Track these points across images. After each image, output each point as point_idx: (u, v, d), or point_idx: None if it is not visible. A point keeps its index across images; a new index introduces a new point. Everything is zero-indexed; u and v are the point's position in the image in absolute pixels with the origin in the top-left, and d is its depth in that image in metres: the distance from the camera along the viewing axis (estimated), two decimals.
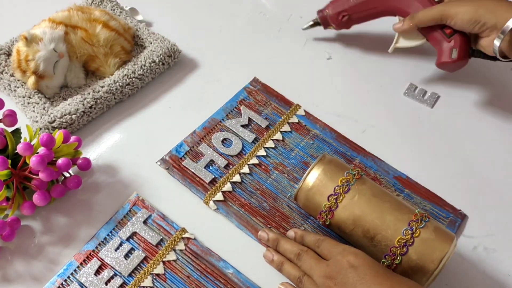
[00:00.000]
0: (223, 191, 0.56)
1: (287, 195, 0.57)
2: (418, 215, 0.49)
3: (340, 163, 0.53)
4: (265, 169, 0.59)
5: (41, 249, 0.52)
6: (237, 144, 0.60)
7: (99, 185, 0.57)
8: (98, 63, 0.64)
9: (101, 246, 0.52)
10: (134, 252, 0.51)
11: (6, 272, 0.51)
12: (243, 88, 0.66)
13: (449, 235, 0.49)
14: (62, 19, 0.63)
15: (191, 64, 0.70)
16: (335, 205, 0.50)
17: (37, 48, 0.59)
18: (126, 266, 0.50)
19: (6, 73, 0.63)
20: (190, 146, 0.60)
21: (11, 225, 0.52)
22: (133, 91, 0.65)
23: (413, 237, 0.48)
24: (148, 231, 0.52)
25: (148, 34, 0.69)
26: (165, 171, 0.57)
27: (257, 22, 0.76)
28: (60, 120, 0.59)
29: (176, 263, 0.51)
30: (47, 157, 0.50)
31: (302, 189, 0.52)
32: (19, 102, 0.61)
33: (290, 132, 0.62)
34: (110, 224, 0.53)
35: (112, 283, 0.49)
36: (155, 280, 0.50)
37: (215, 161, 0.59)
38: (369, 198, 0.50)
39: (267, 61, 0.71)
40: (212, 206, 0.55)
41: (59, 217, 0.55)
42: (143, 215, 0.54)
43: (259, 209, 0.56)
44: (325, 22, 0.71)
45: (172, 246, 0.52)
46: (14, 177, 0.52)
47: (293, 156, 0.60)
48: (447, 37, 0.63)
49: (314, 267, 0.47)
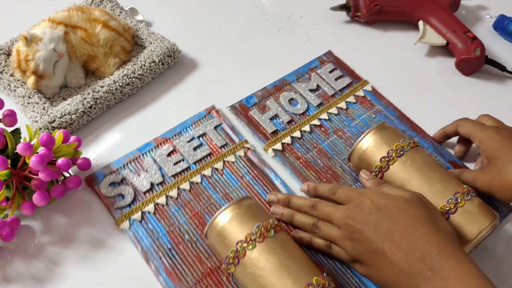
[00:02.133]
0: (282, 142, 0.61)
1: (341, 157, 0.60)
2: (465, 189, 0.50)
3: (398, 131, 0.55)
4: (324, 131, 0.63)
5: (41, 249, 0.52)
6: (303, 105, 0.65)
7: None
8: (98, 63, 0.64)
9: (176, 137, 0.61)
10: (201, 147, 0.60)
11: (6, 272, 0.51)
12: (316, 58, 0.70)
13: (492, 213, 0.50)
14: (62, 19, 0.63)
15: (191, 64, 0.70)
16: (386, 167, 0.52)
17: (37, 48, 0.59)
18: (193, 155, 0.59)
19: (6, 73, 0.63)
20: (259, 99, 0.65)
21: (11, 225, 0.52)
22: (133, 91, 0.65)
23: (456, 206, 0.49)
24: (216, 134, 0.61)
25: (148, 34, 0.69)
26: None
27: (257, 22, 0.76)
28: (60, 120, 0.59)
29: (234, 164, 0.59)
30: (47, 157, 0.50)
31: (356, 149, 0.54)
32: (19, 102, 0.61)
33: (355, 103, 0.66)
34: (187, 123, 0.62)
35: (179, 165, 0.58)
36: (214, 172, 0.58)
37: (280, 116, 0.64)
38: (420, 166, 0.51)
39: (267, 61, 0.71)
40: (270, 153, 0.60)
41: (59, 217, 0.55)
42: (215, 122, 0.62)
43: (313, 165, 0.59)
44: (356, 6, 0.74)
45: (233, 151, 0.59)
46: (14, 177, 0.52)
47: (354, 125, 0.63)
48: (469, 40, 0.68)
49: (333, 212, 0.48)
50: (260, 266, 0.44)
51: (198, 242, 0.53)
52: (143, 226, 0.54)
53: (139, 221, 0.54)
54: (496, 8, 0.80)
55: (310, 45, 0.73)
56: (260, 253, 0.45)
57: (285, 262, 0.45)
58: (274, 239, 0.46)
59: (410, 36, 0.74)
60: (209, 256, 0.52)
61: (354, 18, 0.75)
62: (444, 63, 0.72)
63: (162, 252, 0.52)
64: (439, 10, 0.72)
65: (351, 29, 0.76)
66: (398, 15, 0.75)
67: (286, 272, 0.44)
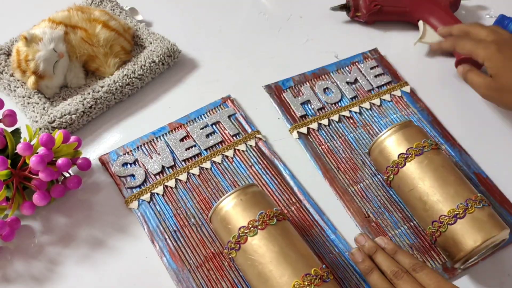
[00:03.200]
0: (309, 127, 0.62)
1: (364, 151, 0.61)
2: (479, 197, 0.50)
3: (423, 132, 0.55)
4: (353, 124, 0.63)
5: (41, 249, 0.52)
6: (337, 95, 0.66)
7: (99, 185, 0.57)
8: (98, 63, 0.64)
9: (190, 123, 0.62)
10: (214, 134, 0.61)
11: (6, 272, 0.51)
12: (360, 53, 0.71)
13: (502, 224, 0.49)
14: (62, 19, 0.63)
15: (191, 64, 0.70)
16: (403, 163, 0.52)
17: (37, 48, 0.59)
18: (205, 142, 0.60)
19: (6, 73, 0.63)
20: (295, 83, 0.66)
21: (11, 225, 0.52)
22: (133, 91, 0.65)
23: (465, 212, 0.48)
24: (229, 123, 0.62)
25: (148, 34, 0.69)
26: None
27: (257, 22, 0.76)
28: (60, 120, 0.59)
29: (244, 153, 0.60)
30: (47, 157, 0.50)
31: (377, 143, 0.55)
32: (19, 102, 0.61)
33: (389, 102, 0.66)
34: (202, 110, 0.63)
35: (190, 150, 0.59)
36: (224, 160, 0.59)
37: (312, 102, 0.65)
38: (437, 167, 0.51)
39: (267, 61, 0.71)
40: (294, 136, 0.62)
41: (59, 217, 0.55)
42: (229, 111, 0.63)
43: (334, 153, 0.61)
44: (357, 6, 0.73)
45: (245, 140, 0.61)
46: (14, 177, 0.52)
47: (384, 123, 0.64)
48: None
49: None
50: (260, 252, 0.45)
51: (203, 226, 0.54)
52: (151, 207, 0.55)
53: (148, 202, 0.55)
54: (496, 8, 0.80)
55: (311, 45, 0.73)
56: (261, 240, 0.45)
57: (285, 251, 0.45)
58: (276, 228, 0.46)
59: (410, 36, 0.74)
60: (212, 241, 0.53)
61: (354, 18, 0.75)
62: (444, 63, 0.72)
63: (168, 233, 0.53)
64: (439, 10, 0.72)
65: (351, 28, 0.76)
66: (398, 15, 0.74)
67: (285, 261, 0.44)
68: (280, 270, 0.44)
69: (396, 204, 0.56)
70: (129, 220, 0.55)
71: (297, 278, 0.43)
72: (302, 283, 0.43)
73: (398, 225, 0.55)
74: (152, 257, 0.52)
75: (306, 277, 0.43)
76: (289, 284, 0.43)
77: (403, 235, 0.54)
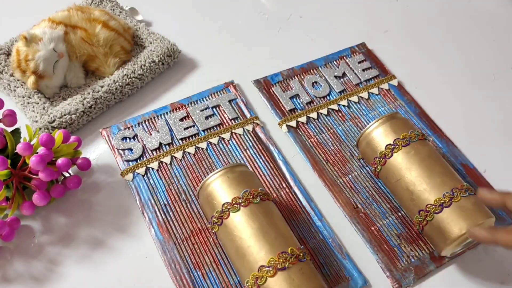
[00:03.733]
0: (298, 120, 0.63)
1: (352, 143, 0.61)
2: (464, 186, 0.50)
3: (409, 123, 0.56)
4: (341, 117, 0.64)
5: (41, 249, 0.52)
6: (325, 89, 0.67)
7: (99, 185, 0.57)
8: (98, 63, 0.64)
9: (192, 105, 0.64)
10: (213, 117, 0.63)
11: (6, 272, 0.51)
12: (348, 48, 0.71)
13: (488, 212, 0.49)
14: (61, 19, 0.63)
15: (191, 64, 0.70)
16: (390, 154, 0.53)
17: (37, 48, 0.59)
18: (203, 123, 0.62)
19: (6, 73, 0.63)
20: (284, 78, 0.68)
21: (11, 225, 0.52)
22: (133, 91, 0.65)
23: (451, 201, 0.49)
24: (229, 107, 0.64)
25: (147, 34, 0.69)
26: None
27: (257, 22, 0.76)
28: (60, 120, 0.59)
29: (241, 136, 0.61)
30: (47, 157, 0.50)
31: (365, 134, 0.55)
32: (18, 102, 0.61)
33: (377, 95, 0.67)
34: (204, 93, 0.65)
35: (189, 130, 0.61)
36: (220, 141, 0.61)
37: (300, 96, 0.66)
38: (424, 157, 0.52)
39: (266, 60, 0.71)
40: (284, 129, 0.62)
41: (59, 217, 0.55)
42: (231, 96, 0.65)
43: (323, 145, 0.61)
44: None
45: (243, 125, 0.62)
46: (13, 177, 0.52)
47: (372, 116, 0.64)
48: None
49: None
50: (240, 228, 0.47)
51: (193, 203, 0.55)
52: (145, 180, 0.57)
53: (143, 175, 0.57)
54: None
55: (311, 44, 0.73)
56: (242, 216, 0.47)
57: (264, 229, 0.46)
58: (258, 206, 0.48)
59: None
60: (200, 217, 0.54)
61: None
62: (431, 57, 0.72)
63: (158, 206, 0.55)
64: None
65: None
66: None
67: (263, 238, 0.46)
68: (258, 246, 0.46)
69: (384, 195, 0.57)
70: (130, 220, 0.55)
71: (273, 255, 0.45)
72: (277, 260, 0.45)
73: (386, 215, 0.55)
74: (152, 257, 0.52)
75: (282, 255, 0.45)
76: (265, 260, 0.45)
77: (391, 225, 0.55)
